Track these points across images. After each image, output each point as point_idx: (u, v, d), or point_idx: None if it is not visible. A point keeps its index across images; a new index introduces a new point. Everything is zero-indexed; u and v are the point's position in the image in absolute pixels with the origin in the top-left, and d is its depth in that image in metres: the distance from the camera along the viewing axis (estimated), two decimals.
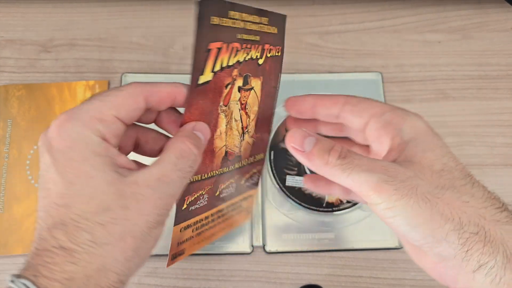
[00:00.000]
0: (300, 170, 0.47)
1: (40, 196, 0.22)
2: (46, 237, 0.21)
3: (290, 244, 0.45)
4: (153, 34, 0.54)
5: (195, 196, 0.29)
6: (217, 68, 0.26)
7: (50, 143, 0.22)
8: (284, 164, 0.47)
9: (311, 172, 0.44)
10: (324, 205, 0.46)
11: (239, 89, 0.28)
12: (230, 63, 0.26)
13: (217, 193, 0.31)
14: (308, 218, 0.46)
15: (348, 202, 0.46)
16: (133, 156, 0.28)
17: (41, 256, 0.20)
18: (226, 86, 0.27)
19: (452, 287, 0.23)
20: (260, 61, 0.29)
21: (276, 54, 0.30)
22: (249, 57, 0.28)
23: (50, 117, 0.49)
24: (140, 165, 0.25)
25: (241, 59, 0.27)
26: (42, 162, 0.22)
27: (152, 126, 0.28)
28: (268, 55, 0.30)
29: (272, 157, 0.47)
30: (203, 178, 0.29)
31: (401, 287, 0.44)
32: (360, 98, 0.28)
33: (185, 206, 0.28)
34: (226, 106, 0.28)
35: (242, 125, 0.30)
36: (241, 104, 0.29)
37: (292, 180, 0.47)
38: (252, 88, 0.30)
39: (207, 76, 0.25)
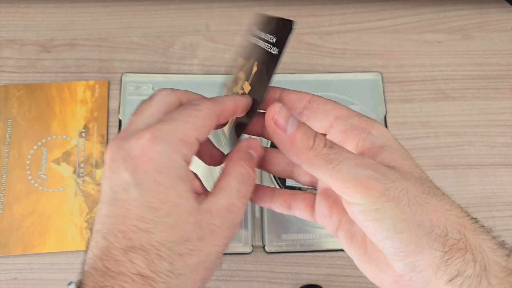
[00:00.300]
0: None
1: (114, 212, 0.21)
2: (122, 260, 0.20)
3: (290, 244, 0.45)
4: (153, 34, 0.54)
5: None
6: None
7: (135, 162, 0.21)
8: None
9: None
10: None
11: None
12: None
13: None
14: None
15: None
16: None
17: (117, 280, 0.20)
18: None
19: None
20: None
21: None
22: None
23: (50, 117, 0.49)
24: (202, 186, 0.25)
25: None
26: (120, 179, 0.21)
27: None
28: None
29: None
30: None
31: None
32: (326, 99, 0.26)
33: None
34: None
35: None
36: None
37: (292, 180, 0.47)
38: None
39: None
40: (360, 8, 0.57)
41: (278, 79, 0.49)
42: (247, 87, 0.29)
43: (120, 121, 0.49)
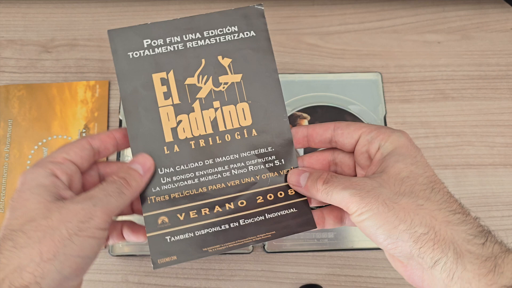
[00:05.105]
0: None
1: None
2: None
3: (290, 244, 0.45)
4: None
5: None
6: None
7: (17, 186, 0.27)
8: None
9: None
10: (324, 205, 0.46)
11: None
12: None
13: None
14: None
15: None
16: None
17: None
18: None
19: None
20: None
21: None
22: None
23: (50, 117, 0.49)
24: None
25: None
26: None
27: None
28: None
29: None
30: None
31: (400, 287, 0.44)
32: (348, 122, 0.31)
33: None
34: None
35: None
36: None
37: None
38: None
39: None
40: (360, 9, 0.57)
41: None
42: (235, 77, 0.32)
43: (120, 121, 0.49)
